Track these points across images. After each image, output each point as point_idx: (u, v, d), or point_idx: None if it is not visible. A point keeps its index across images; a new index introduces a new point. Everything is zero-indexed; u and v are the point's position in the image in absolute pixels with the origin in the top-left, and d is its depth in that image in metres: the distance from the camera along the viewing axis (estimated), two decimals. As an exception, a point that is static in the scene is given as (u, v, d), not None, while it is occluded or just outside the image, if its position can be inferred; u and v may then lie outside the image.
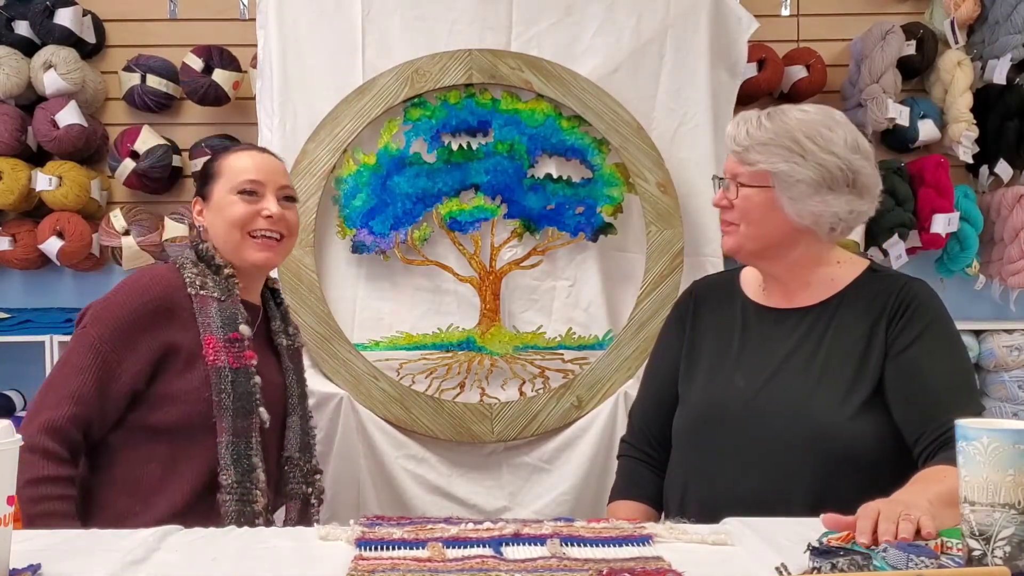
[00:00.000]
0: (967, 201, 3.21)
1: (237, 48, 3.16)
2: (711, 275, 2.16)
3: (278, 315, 2.00)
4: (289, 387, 1.95)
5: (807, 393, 1.67)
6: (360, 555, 1.26)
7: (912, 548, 1.12)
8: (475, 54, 2.65)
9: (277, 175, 1.92)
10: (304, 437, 1.96)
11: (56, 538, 1.36)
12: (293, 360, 2.00)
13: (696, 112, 2.71)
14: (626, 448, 1.95)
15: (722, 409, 1.73)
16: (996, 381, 3.21)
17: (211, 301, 1.80)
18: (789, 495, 1.59)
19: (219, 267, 1.85)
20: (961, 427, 1.13)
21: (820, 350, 1.71)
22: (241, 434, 1.77)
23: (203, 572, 1.23)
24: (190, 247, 1.89)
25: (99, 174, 3.24)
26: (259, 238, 1.86)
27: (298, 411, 1.96)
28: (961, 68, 3.23)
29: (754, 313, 1.82)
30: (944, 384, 1.62)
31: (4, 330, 3.12)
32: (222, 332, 1.78)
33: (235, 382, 1.77)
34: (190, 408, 1.75)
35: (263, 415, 1.81)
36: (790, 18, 3.32)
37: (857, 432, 1.63)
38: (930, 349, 1.65)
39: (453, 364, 2.67)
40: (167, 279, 1.81)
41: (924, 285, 1.74)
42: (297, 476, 1.92)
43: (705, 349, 1.83)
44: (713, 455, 1.72)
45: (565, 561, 1.23)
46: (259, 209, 1.86)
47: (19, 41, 3.15)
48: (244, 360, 1.79)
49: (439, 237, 2.70)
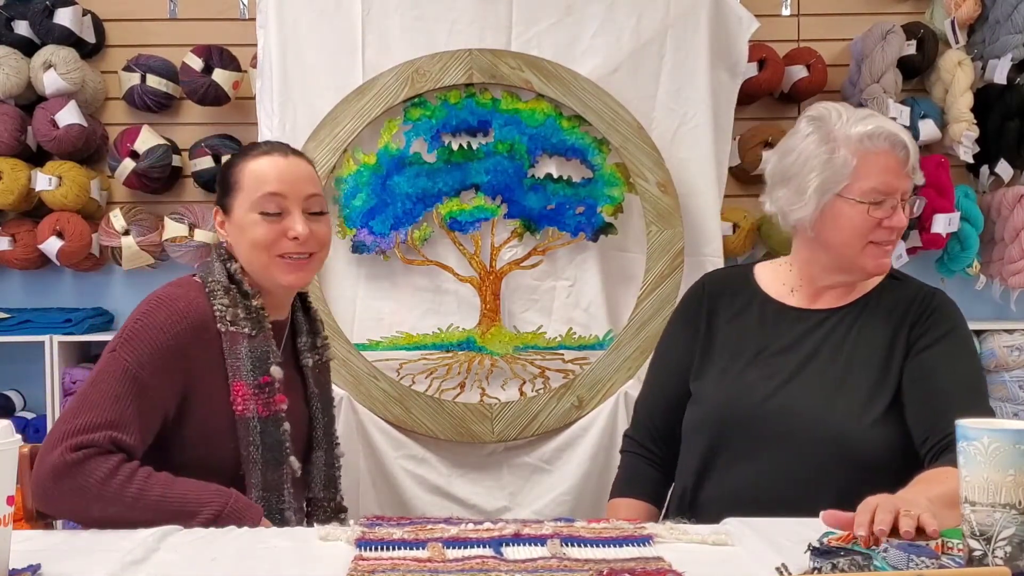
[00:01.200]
0: (967, 201, 3.21)
1: (237, 48, 3.16)
2: (722, 269, 2.15)
3: (305, 327, 1.83)
4: (315, 419, 1.79)
5: (828, 397, 1.66)
6: (360, 555, 1.26)
7: (913, 548, 1.12)
8: (475, 54, 2.65)
9: (301, 184, 1.71)
10: (329, 471, 1.81)
11: (56, 538, 1.36)
12: (320, 380, 1.83)
13: (696, 112, 2.71)
14: (629, 444, 1.93)
15: (737, 407, 1.71)
16: (996, 381, 3.20)
17: (241, 338, 1.64)
18: (804, 498, 1.53)
19: (247, 294, 1.68)
20: (961, 427, 1.12)
21: (842, 354, 1.70)
22: (272, 488, 1.64)
23: (203, 572, 1.23)
24: (219, 261, 1.71)
25: (99, 174, 3.24)
26: (287, 259, 1.68)
27: (323, 445, 1.80)
28: (961, 68, 3.23)
29: (773, 311, 1.80)
30: (956, 387, 1.62)
31: (4, 330, 3.12)
32: (252, 377, 1.63)
33: (264, 432, 1.63)
34: (214, 455, 1.62)
35: (294, 464, 1.67)
36: (790, 18, 3.32)
37: (878, 439, 1.62)
38: (947, 353, 1.66)
39: (453, 364, 2.66)
40: (201, 308, 1.63)
41: (946, 295, 1.76)
42: (321, 518, 1.78)
43: (720, 345, 1.80)
44: (726, 454, 1.70)
45: (565, 561, 1.23)
46: (284, 229, 1.67)
47: (19, 41, 3.14)
48: (274, 407, 1.65)
49: (439, 237, 2.70)
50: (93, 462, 1.47)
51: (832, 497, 1.53)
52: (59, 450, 1.47)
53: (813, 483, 1.61)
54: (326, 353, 1.86)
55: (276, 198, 1.68)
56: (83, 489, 1.45)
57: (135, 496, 1.47)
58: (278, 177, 1.69)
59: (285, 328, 1.79)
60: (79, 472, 1.46)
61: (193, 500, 1.50)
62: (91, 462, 1.47)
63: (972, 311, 3.41)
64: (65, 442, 1.48)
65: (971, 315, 3.36)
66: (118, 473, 1.48)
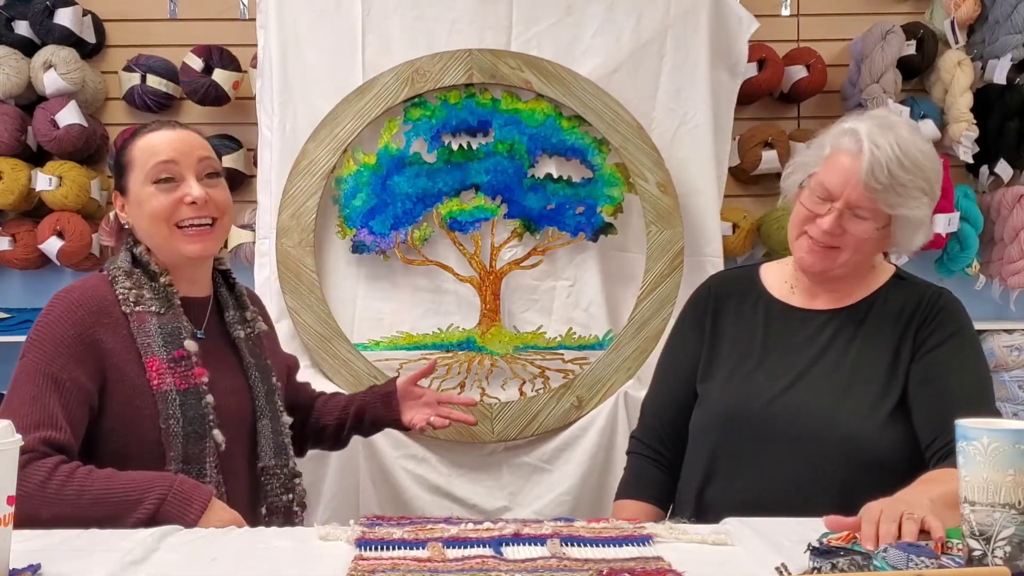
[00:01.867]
0: (967, 201, 3.21)
1: (237, 48, 3.16)
2: (728, 270, 2.14)
3: (231, 303, 1.82)
4: (254, 388, 1.77)
5: (836, 398, 1.66)
6: (360, 555, 1.26)
7: (912, 548, 1.12)
8: (475, 54, 2.65)
9: (193, 149, 1.70)
10: (278, 439, 1.79)
11: (56, 538, 1.36)
12: (255, 351, 1.82)
13: (696, 112, 2.71)
14: (636, 445, 1.92)
15: (745, 409, 1.71)
16: (996, 381, 3.20)
17: (149, 317, 1.64)
18: (812, 499, 1.54)
19: (155, 274, 1.68)
20: (961, 427, 1.13)
21: (849, 355, 1.70)
22: (193, 461, 1.62)
23: (203, 572, 1.23)
24: (124, 249, 1.71)
25: (99, 174, 3.24)
26: (188, 228, 1.67)
27: (267, 413, 1.78)
28: (961, 68, 3.23)
29: (779, 312, 1.79)
30: (962, 389, 1.62)
31: (4, 330, 3.11)
32: (165, 352, 1.62)
33: (184, 405, 1.61)
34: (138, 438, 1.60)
35: (217, 437, 1.64)
36: (790, 18, 3.32)
37: (886, 440, 1.62)
38: (953, 354, 1.65)
39: (453, 364, 2.67)
40: (99, 292, 1.64)
41: (953, 295, 1.75)
42: (276, 486, 1.76)
43: (726, 347, 1.80)
44: (734, 455, 1.70)
45: (565, 561, 1.23)
46: (180, 196, 1.67)
47: (19, 41, 3.14)
48: (193, 379, 1.63)
49: (439, 237, 2.70)
50: (30, 468, 1.46)
51: (838, 498, 1.53)
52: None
53: (819, 484, 1.61)
54: (257, 326, 1.85)
55: (168, 165, 1.68)
56: (27, 496, 1.42)
57: (77, 494, 1.48)
58: (168, 146, 1.70)
59: (208, 304, 1.79)
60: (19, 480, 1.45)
61: (135, 488, 1.50)
62: (28, 468, 1.45)
63: (972, 311, 3.36)
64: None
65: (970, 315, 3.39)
66: (55, 475, 1.49)
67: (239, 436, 1.72)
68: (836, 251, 1.67)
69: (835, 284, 1.76)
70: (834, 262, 1.68)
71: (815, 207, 1.67)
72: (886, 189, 1.60)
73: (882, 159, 1.59)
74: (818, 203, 1.66)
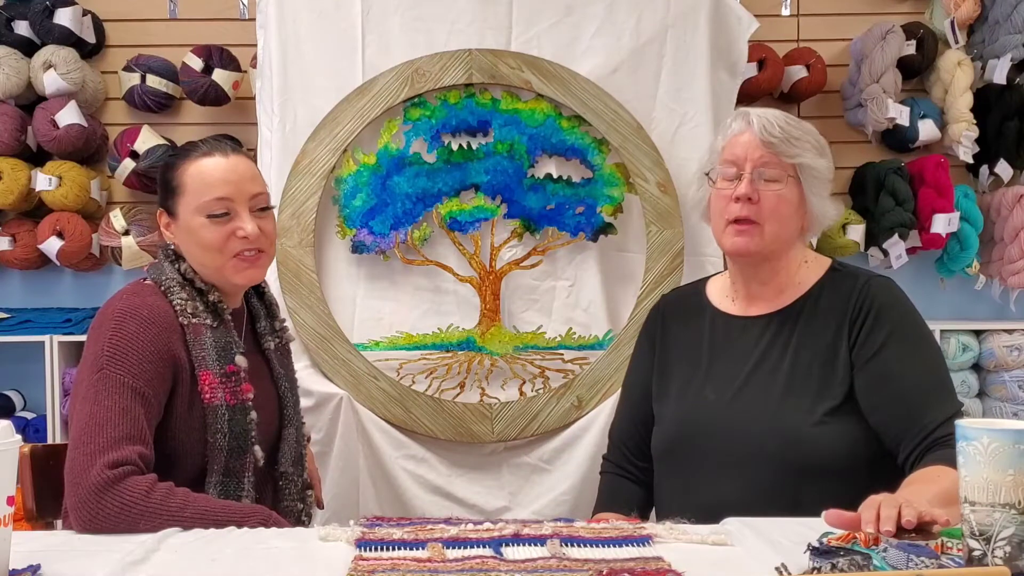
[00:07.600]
0: (967, 201, 3.21)
1: (237, 48, 3.16)
2: (679, 288, 2.16)
3: (263, 312, 1.86)
4: (283, 398, 1.82)
5: (775, 402, 1.66)
6: (360, 555, 1.26)
7: (912, 548, 1.12)
8: (475, 54, 2.65)
9: (246, 183, 1.71)
10: (297, 448, 1.83)
11: (56, 538, 1.37)
12: (283, 362, 1.87)
13: (696, 112, 2.71)
14: (606, 466, 1.93)
15: (695, 425, 1.72)
16: (996, 381, 3.21)
17: (204, 329, 1.66)
18: (764, 505, 1.52)
19: (202, 291, 1.70)
20: (961, 427, 1.13)
21: (785, 358, 1.69)
22: (232, 474, 1.65)
23: (203, 572, 1.23)
24: (167, 262, 1.72)
25: (99, 174, 3.24)
26: (239, 257, 1.70)
27: (293, 422, 1.83)
28: (961, 68, 3.23)
29: (721, 323, 1.79)
30: (919, 386, 1.61)
31: (4, 330, 3.12)
32: (218, 366, 1.65)
33: (232, 420, 1.65)
34: (184, 449, 1.63)
35: (257, 453, 1.68)
36: (790, 18, 3.32)
37: (827, 439, 1.61)
38: (898, 353, 1.63)
39: (453, 364, 2.67)
40: (162, 308, 1.65)
41: (885, 283, 1.72)
42: (292, 492, 1.80)
43: (675, 365, 1.81)
44: (690, 472, 1.70)
45: (565, 561, 1.23)
46: (233, 229, 1.68)
47: (19, 41, 3.15)
48: (241, 395, 1.67)
49: (439, 237, 2.70)
50: (129, 481, 1.47)
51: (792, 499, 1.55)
52: (96, 468, 1.46)
53: (772, 494, 1.60)
54: (285, 335, 1.90)
55: (223, 202, 1.69)
56: (128, 505, 1.44)
57: (180, 507, 1.47)
58: (223, 179, 1.69)
59: (243, 316, 1.82)
60: (122, 488, 1.46)
61: (235, 512, 1.51)
62: (127, 482, 1.46)
63: (972, 311, 3.42)
64: (100, 459, 1.47)
65: (971, 315, 3.41)
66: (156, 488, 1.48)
67: (264, 444, 1.74)
68: (759, 227, 1.69)
69: (770, 278, 1.75)
70: (762, 239, 1.69)
71: (728, 186, 1.71)
72: (782, 141, 1.69)
73: (770, 117, 1.71)
74: (729, 181, 1.71)
